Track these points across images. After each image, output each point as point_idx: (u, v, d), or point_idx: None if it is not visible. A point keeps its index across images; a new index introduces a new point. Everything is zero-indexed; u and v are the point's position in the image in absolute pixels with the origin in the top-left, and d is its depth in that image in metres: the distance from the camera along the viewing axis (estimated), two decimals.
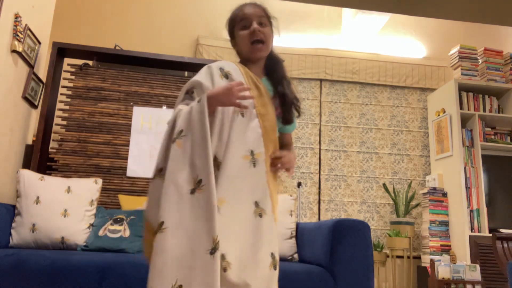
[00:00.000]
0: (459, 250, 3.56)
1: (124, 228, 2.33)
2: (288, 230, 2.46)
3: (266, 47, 1.48)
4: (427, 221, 3.75)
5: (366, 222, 2.05)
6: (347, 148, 4.18)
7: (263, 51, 1.47)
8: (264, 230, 1.25)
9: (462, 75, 4.02)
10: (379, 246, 3.83)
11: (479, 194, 3.69)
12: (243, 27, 1.47)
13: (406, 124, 4.31)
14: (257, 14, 1.47)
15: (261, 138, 1.31)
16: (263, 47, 1.46)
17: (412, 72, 4.38)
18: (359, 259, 1.95)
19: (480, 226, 3.63)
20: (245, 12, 1.48)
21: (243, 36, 1.46)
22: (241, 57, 1.53)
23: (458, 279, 3.11)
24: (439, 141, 4.02)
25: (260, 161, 1.29)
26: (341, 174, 4.11)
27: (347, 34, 4.31)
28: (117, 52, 3.22)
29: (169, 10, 4.28)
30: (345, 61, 4.32)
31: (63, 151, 2.87)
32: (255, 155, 1.29)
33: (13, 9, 2.53)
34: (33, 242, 2.18)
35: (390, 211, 4.07)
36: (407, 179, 4.17)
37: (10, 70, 2.59)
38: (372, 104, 4.32)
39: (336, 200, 4.05)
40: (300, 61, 4.26)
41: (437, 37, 4.56)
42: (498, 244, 2.50)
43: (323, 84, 4.30)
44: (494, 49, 4.15)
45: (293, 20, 4.40)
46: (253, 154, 1.29)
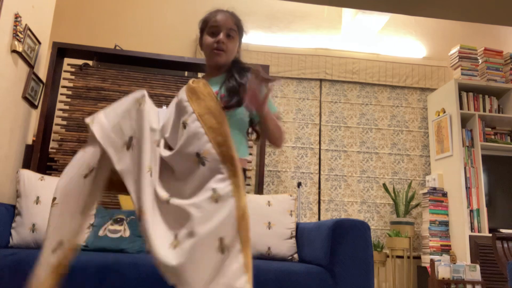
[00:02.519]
0: (459, 250, 3.56)
1: (124, 228, 2.33)
2: (288, 230, 2.46)
3: (226, 57, 1.55)
4: (427, 221, 3.75)
5: (366, 222, 2.05)
6: (347, 148, 4.18)
7: (221, 58, 1.54)
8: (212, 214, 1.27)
9: (462, 75, 4.02)
10: (379, 246, 3.83)
11: (479, 194, 3.69)
12: (211, 33, 1.55)
13: (406, 124, 4.31)
14: (227, 26, 1.54)
15: (204, 136, 1.35)
16: (222, 55, 1.54)
17: (412, 72, 4.38)
18: (359, 259, 1.95)
19: (480, 226, 3.63)
20: (217, 20, 1.55)
21: (207, 42, 1.55)
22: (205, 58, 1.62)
23: (458, 279, 3.11)
24: (439, 141, 4.02)
25: (209, 158, 1.33)
26: (341, 174, 4.11)
27: (347, 34, 4.31)
28: (117, 52, 3.22)
29: (169, 10, 4.28)
30: (345, 61, 4.33)
31: (63, 151, 2.87)
32: (201, 154, 1.34)
33: (13, 9, 2.53)
34: (33, 242, 2.18)
35: (390, 211, 4.07)
36: (407, 179, 4.17)
37: (10, 70, 2.59)
38: (372, 104, 4.32)
39: (336, 200, 4.05)
40: (300, 61, 4.26)
41: (437, 37, 4.56)
42: (498, 244, 2.50)
43: (323, 84, 4.30)
44: (494, 49, 4.15)
45: (293, 20, 4.40)
46: (199, 155, 1.34)
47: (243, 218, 1.27)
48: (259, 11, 4.33)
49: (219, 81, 1.54)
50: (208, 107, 1.40)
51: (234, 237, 1.26)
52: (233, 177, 1.32)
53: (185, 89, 1.49)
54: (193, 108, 1.41)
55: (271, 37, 4.32)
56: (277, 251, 2.39)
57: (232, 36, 1.55)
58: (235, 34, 1.56)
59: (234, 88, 1.49)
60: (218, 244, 1.23)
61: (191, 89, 1.46)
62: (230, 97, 1.47)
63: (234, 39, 1.56)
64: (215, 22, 1.54)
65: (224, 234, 1.24)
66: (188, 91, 1.46)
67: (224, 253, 1.23)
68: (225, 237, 1.24)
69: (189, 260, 1.22)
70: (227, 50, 1.54)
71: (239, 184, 1.31)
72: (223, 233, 1.24)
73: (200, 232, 1.23)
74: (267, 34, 4.32)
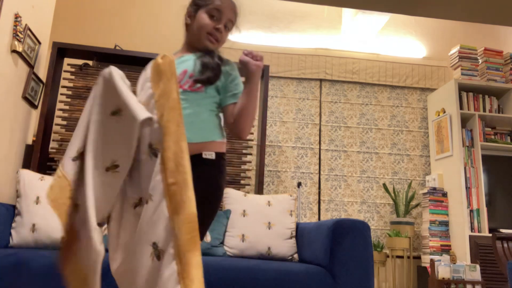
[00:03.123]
0: (459, 250, 3.56)
1: None
2: (288, 230, 2.46)
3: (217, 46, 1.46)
4: (427, 221, 3.75)
5: (366, 222, 2.05)
6: (347, 148, 4.18)
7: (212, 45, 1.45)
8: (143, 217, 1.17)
9: (462, 75, 4.02)
10: (379, 246, 3.83)
11: (479, 194, 3.69)
12: (211, 15, 1.44)
13: (406, 124, 4.31)
14: (229, 16, 1.46)
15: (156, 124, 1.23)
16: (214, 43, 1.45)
17: (412, 72, 4.38)
18: (359, 259, 1.95)
19: (480, 226, 3.63)
20: (223, 5, 1.44)
21: (205, 22, 1.43)
22: (186, 32, 1.50)
23: (458, 279, 3.11)
24: (439, 141, 4.02)
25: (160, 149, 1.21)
26: (341, 174, 4.11)
27: (347, 34, 4.31)
28: (117, 52, 3.22)
29: (169, 10, 4.28)
30: (345, 61, 4.33)
31: (63, 151, 2.87)
32: (154, 145, 1.23)
33: (13, 9, 2.53)
34: (33, 242, 2.18)
35: (390, 211, 4.07)
36: (407, 179, 4.17)
37: (10, 70, 2.59)
38: (372, 104, 4.32)
39: (336, 200, 4.05)
40: (300, 61, 4.26)
41: (437, 37, 4.56)
42: (498, 244, 2.50)
43: (323, 84, 4.30)
44: (494, 49, 4.15)
45: (293, 20, 4.40)
46: (152, 146, 1.23)
47: (184, 220, 1.12)
48: (259, 11, 4.33)
49: (192, 59, 1.41)
50: (166, 91, 1.26)
51: (167, 241, 1.12)
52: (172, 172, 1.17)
53: (151, 65, 1.36)
54: (153, 91, 1.30)
55: (271, 37, 4.32)
56: (277, 251, 2.39)
57: (229, 28, 1.48)
58: (231, 27, 1.49)
59: (209, 64, 1.39)
60: (152, 250, 1.12)
61: (156, 66, 1.33)
62: (203, 73, 1.37)
63: (228, 32, 1.49)
64: (220, 7, 1.44)
65: (157, 238, 1.12)
66: (154, 68, 1.34)
67: (160, 259, 1.11)
68: (159, 241, 1.12)
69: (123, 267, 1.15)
70: (221, 41, 1.47)
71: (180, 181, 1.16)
72: (155, 237, 1.13)
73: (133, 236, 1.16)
74: (267, 34, 4.32)
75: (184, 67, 1.37)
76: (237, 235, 2.42)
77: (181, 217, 1.12)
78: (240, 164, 3.26)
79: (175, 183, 1.15)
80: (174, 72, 1.29)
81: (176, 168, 1.17)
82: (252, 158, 3.63)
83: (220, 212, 2.54)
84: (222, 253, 2.36)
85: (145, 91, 1.33)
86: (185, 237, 1.11)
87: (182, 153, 1.19)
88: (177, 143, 1.20)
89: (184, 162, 1.18)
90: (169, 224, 1.12)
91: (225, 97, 1.40)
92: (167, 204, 1.14)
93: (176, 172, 1.16)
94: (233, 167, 3.23)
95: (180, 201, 1.14)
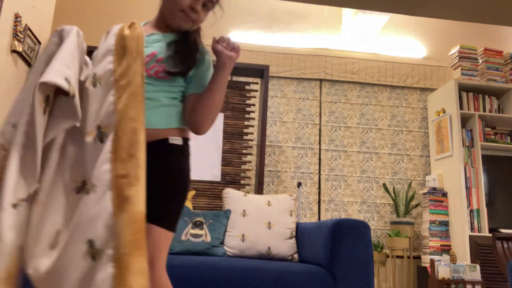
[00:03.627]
0: (459, 250, 3.56)
1: None
2: (288, 230, 2.46)
3: (192, 26, 1.31)
4: (427, 221, 3.75)
5: (366, 222, 2.05)
6: (347, 148, 4.18)
7: (186, 26, 1.29)
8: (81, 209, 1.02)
9: (462, 75, 4.02)
10: (379, 246, 3.83)
11: (479, 194, 3.69)
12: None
13: (406, 124, 4.31)
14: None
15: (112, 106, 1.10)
16: (189, 23, 1.29)
17: (412, 72, 4.38)
18: (359, 259, 1.95)
19: (480, 226, 3.63)
20: None
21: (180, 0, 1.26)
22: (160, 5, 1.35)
23: (458, 279, 3.11)
24: (439, 141, 4.02)
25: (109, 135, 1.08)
26: (341, 174, 4.11)
27: (347, 34, 4.31)
28: None
29: None
30: (345, 61, 4.33)
31: None
32: (103, 128, 1.09)
33: (13, 9, 2.53)
34: None
35: (390, 211, 4.07)
36: (407, 179, 4.17)
37: (10, 70, 2.59)
38: (372, 104, 4.32)
39: (336, 200, 4.05)
40: (300, 61, 4.26)
41: (437, 37, 4.56)
42: (498, 244, 2.50)
43: (323, 84, 4.30)
44: (494, 49, 4.15)
45: (293, 20, 4.39)
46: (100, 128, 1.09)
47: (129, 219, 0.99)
48: (259, 11, 4.33)
49: (163, 41, 1.27)
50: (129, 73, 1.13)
51: (106, 240, 0.98)
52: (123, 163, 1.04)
53: (116, 34, 1.21)
54: (114, 67, 1.15)
55: (271, 37, 4.32)
56: (277, 251, 2.39)
57: (208, 8, 1.31)
58: (211, 7, 1.32)
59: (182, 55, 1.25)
60: (86, 248, 0.98)
61: (122, 39, 1.18)
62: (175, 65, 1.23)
63: (207, 12, 1.32)
64: None
65: (94, 236, 0.98)
66: (119, 40, 1.19)
67: (96, 260, 0.97)
68: (96, 239, 0.98)
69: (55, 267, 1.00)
70: (197, 21, 1.30)
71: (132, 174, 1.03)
72: (93, 234, 0.99)
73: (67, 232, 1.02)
74: (267, 34, 4.32)
75: (154, 49, 1.24)
76: (237, 235, 2.42)
77: (126, 215, 0.99)
78: (240, 164, 3.26)
79: (126, 176, 1.02)
80: (141, 51, 1.17)
81: (129, 160, 1.04)
82: (252, 158, 3.63)
83: (220, 212, 2.54)
84: (222, 253, 2.36)
85: (104, 64, 1.18)
86: (128, 238, 0.97)
87: (139, 144, 1.06)
88: (135, 133, 1.07)
89: (139, 154, 1.06)
90: (112, 221, 0.98)
91: (191, 86, 1.29)
92: (112, 198, 1.00)
93: (128, 164, 1.04)
94: (233, 167, 3.23)
95: (128, 197, 1.00)
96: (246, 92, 3.41)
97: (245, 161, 3.27)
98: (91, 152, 1.08)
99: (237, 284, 1.87)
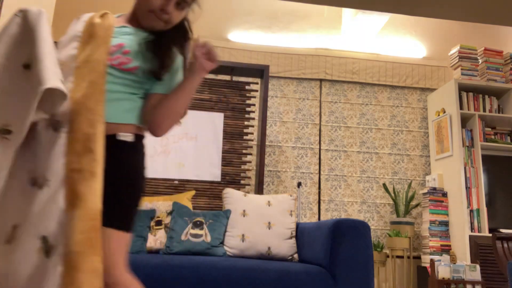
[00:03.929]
0: (459, 250, 3.56)
1: None
2: (288, 230, 2.46)
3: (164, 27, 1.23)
4: (427, 221, 3.75)
5: (366, 222, 2.05)
6: (347, 148, 4.18)
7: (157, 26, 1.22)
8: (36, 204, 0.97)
9: (462, 75, 4.02)
10: (379, 246, 3.83)
11: (479, 194, 3.69)
12: None
13: (406, 124, 4.31)
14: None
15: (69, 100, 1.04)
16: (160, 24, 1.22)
17: (412, 72, 4.38)
18: (359, 259, 1.95)
19: (480, 226, 3.63)
20: None
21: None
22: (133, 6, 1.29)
23: (458, 279, 3.11)
24: (439, 141, 4.02)
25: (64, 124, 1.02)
26: (341, 174, 4.11)
27: (347, 34, 4.31)
28: None
29: None
30: (345, 61, 4.33)
31: None
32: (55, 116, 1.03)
33: (13, 9, 2.53)
34: None
35: (390, 211, 4.07)
36: (407, 179, 4.17)
37: None
38: (372, 104, 4.32)
39: (336, 200, 4.05)
40: (300, 61, 4.26)
41: (437, 37, 4.56)
42: (498, 244, 2.50)
43: (323, 84, 4.30)
44: (494, 49, 4.15)
45: (293, 20, 4.40)
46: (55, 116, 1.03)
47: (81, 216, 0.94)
48: (259, 11, 4.33)
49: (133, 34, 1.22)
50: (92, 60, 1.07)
51: (60, 237, 0.94)
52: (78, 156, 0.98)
53: (86, 21, 1.18)
54: (77, 52, 1.10)
55: (271, 37, 4.32)
56: (277, 251, 2.39)
57: (183, 8, 1.23)
58: (186, 6, 1.24)
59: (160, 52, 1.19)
60: (40, 244, 0.94)
61: (91, 26, 1.14)
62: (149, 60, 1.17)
63: (182, 12, 1.24)
64: None
65: (48, 232, 0.94)
66: (88, 27, 1.15)
67: (49, 256, 0.93)
68: (49, 236, 0.94)
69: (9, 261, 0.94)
70: (170, 22, 1.22)
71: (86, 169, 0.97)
72: (46, 230, 0.94)
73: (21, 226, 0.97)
74: (267, 34, 4.32)
75: (122, 41, 1.18)
76: (237, 235, 2.42)
77: (79, 212, 0.94)
78: (240, 164, 3.26)
79: (79, 171, 0.97)
80: (108, 40, 1.12)
81: (84, 153, 0.98)
82: (252, 158, 3.63)
83: (220, 212, 2.54)
84: (222, 253, 2.36)
85: (68, 50, 1.13)
86: (78, 236, 0.92)
87: (95, 137, 1.00)
88: (92, 124, 1.01)
89: (96, 148, 0.99)
90: (63, 218, 0.94)
91: (157, 85, 1.22)
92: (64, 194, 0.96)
93: (83, 158, 0.98)
94: (233, 167, 3.23)
95: (82, 193, 0.95)
96: (246, 92, 3.41)
97: (245, 161, 3.27)
98: (44, 142, 1.01)
99: (237, 284, 1.87)
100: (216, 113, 3.30)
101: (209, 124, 3.26)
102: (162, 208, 2.57)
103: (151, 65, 1.19)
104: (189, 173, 3.15)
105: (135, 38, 1.20)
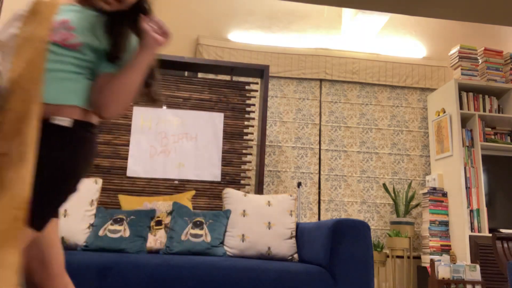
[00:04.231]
0: (459, 250, 3.56)
1: (124, 228, 2.33)
2: (288, 230, 2.46)
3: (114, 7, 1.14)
4: (427, 221, 3.75)
5: (366, 222, 2.05)
6: (347, 148, 4.18)
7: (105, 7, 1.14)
8: None
9: (462, 75, 4.02)
10: (379, 246, 3.83)
11: (479, 194, 3.69)
12: None
13: (406, 124, 4.31)
14: None
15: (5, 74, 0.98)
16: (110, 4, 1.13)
17: (412, 72, 4.38)
18: (359, 259, 1.95)
19: (480, 226, 3.63)
20: None
21: None
22: None
23: (458, 279, 3.11)
24: (439, 141, 4.02)
25: None
26: (341, 174, 4.11)
27: (347, 34, 4.31)
28: None
29: (169, 10, 4.28)
30: (345, 61, 4.33)
31: None
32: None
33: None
34: None
35: (390, 211, 4.07)
36: (407, 179, 4.17)
37: None
38: (372, 104, 4.32)
39: (336, 200, 4.05)
40: (300, 61, 4.26)
41: (437, 37, 4.56)
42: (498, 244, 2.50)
43: (323, 84, 4.30)
44: (494, 49, 4.15)
45: (293, 20, 4.40)
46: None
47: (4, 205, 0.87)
48: (259, 11, 4.33)
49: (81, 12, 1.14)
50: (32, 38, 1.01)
51: None
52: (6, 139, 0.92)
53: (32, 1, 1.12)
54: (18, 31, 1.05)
55: (271, 37, 4.32)
56: (277, 251, 2.39)
57: None
58: None
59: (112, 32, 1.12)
60: None
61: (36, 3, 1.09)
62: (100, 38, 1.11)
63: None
64: None
65: None
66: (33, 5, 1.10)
67: None
68: None
69: None
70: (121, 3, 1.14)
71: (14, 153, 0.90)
72: None
73: None
74: (267, 34, 4.32)
75: (67, 17, 1.10)
76: (237, 235, 2.42)
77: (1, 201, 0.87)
78: (240, 164, 3.26)
79: (6, 154, 0.89)
80: (50, 17, 1.04)
81: (13, 136, 0.90)
82: (252, 158, 3.63)
83: (220, 212, 2.54)
84: (222, 253, 2.36)
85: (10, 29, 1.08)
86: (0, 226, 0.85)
87: (28, 119, 0.92)
88: (26, 105, 0.93)
89: (28, 130, 0.91)
90: None
91: (105, 64, 1.13)
92: None
93: (11, 141, 0.90)
94: (233, 167, 3.23)
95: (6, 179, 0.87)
96: (246, 92, 3.41)
97: (245, 161, 3.27)
98: None
99: (237, 284, 1.87)
100: (216, 113, 3.30)
101: (209, 124, 3.26)
102: (162, 208, 2.57)
103: (103, 45, 1.12)
104: (189, 173, 3.15)
105: (82, 15, 1.12)
